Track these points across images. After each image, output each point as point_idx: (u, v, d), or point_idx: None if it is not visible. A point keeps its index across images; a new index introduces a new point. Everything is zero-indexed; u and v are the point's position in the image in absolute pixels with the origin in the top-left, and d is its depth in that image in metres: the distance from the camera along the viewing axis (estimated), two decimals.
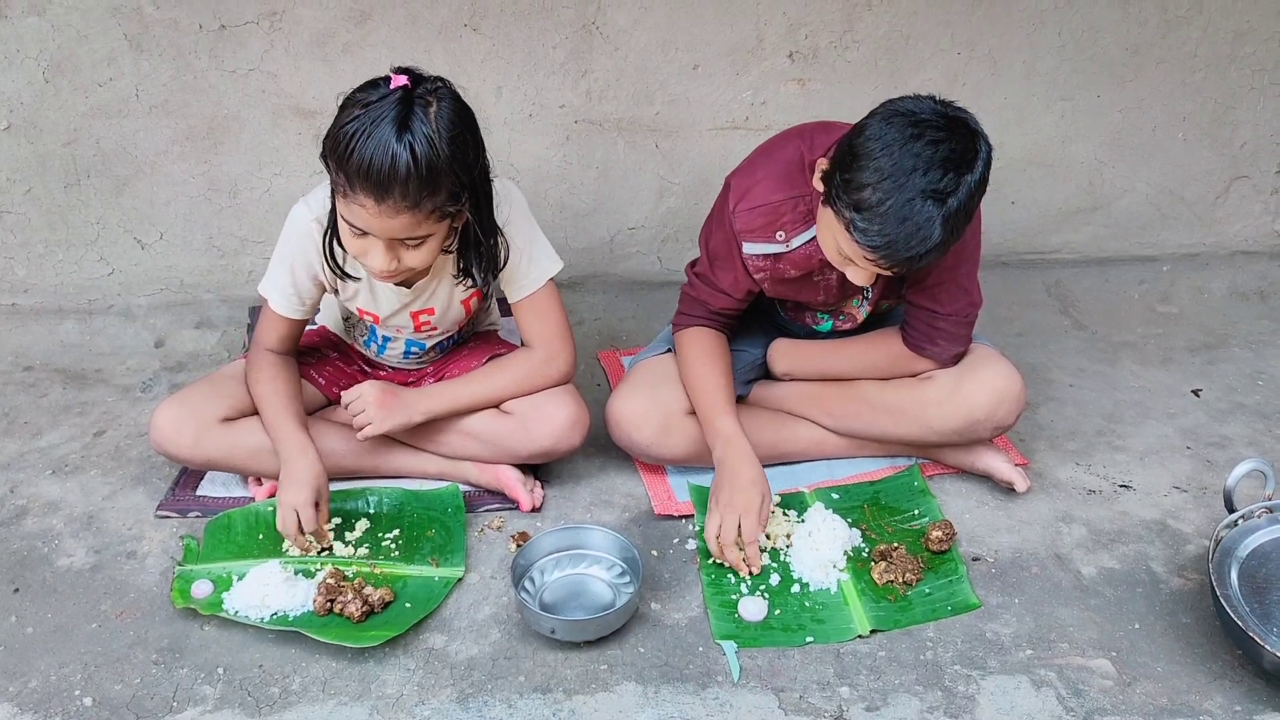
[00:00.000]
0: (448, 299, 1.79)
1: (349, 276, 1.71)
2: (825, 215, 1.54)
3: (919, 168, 1.39)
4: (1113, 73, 2.54)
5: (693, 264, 1.88)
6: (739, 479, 1.67)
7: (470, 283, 1.71)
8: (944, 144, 1.40)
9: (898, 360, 1.84)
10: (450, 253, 1.68)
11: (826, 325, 1.91)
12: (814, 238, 1.66)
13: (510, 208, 1.71)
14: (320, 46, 2.28)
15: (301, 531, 1.65)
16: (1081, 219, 2.73)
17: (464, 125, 1.50)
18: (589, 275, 2.62)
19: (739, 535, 1.63)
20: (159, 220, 2.42)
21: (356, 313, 1.83)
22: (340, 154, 1.45)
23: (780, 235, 1.68)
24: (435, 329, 1.85)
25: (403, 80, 1.46)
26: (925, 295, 1.74)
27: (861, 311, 1.86)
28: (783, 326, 1.99)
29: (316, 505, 1.66)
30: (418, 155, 1.42)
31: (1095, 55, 2.51)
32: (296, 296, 1.74)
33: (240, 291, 2.49)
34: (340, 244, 1.63)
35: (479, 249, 1.66)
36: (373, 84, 1.49)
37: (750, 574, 1.66)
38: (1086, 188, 2.69)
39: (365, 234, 1.51)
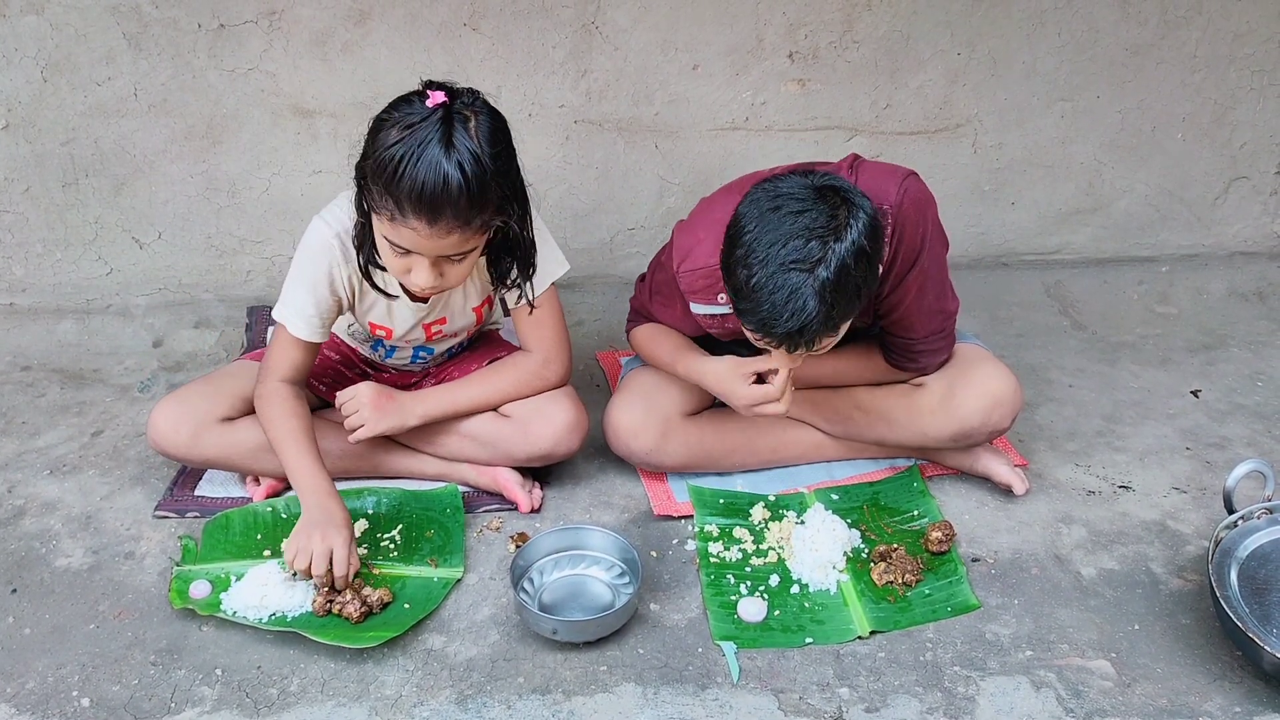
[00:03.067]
0: (461, 307, 1.79)
1: (386, 294, 1.68)
2: None
3: (778, 240, 1.40)
4: (1112, 73, 2.54)
5: (641, 278, 1.89)
6: (723, 377, 1.67)
7: (506, 288, 1.68)
8: (805, 214, 1.40)
9: (888, 367, 1.84)
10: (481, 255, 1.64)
11: None
12: None
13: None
14: (319, 46, 2.28)
15: (328, 589, 1.58)
16: (1081, 219, 2.73)
17: (503, 136, 1.48)
18: (589, 276, 2.62)
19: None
20: (157, 220, 2.42)
21: (368, 327, 1.81)
22: (389, 179, 1.41)
23: (722, 298, 1.64)
24: (446, 336, 1.85)
25: (441, 97, 1.43)
26: (899, 326, 1.73)
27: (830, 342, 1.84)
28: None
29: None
30: (468, 173, 1.40)
31: (1095, 56, 2.51)
32: (318, 317, 1.68)
33: (239, 291, 2.49)
34: (376, 264, 1.60)
35: (515, 253, 1.63)
36: (405, 100, 1.46)
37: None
38: (1086, 188, 2.69)
39: (409, 252, 1.49)
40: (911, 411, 1.81)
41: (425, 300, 1.73)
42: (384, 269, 1.60)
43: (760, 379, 1.65)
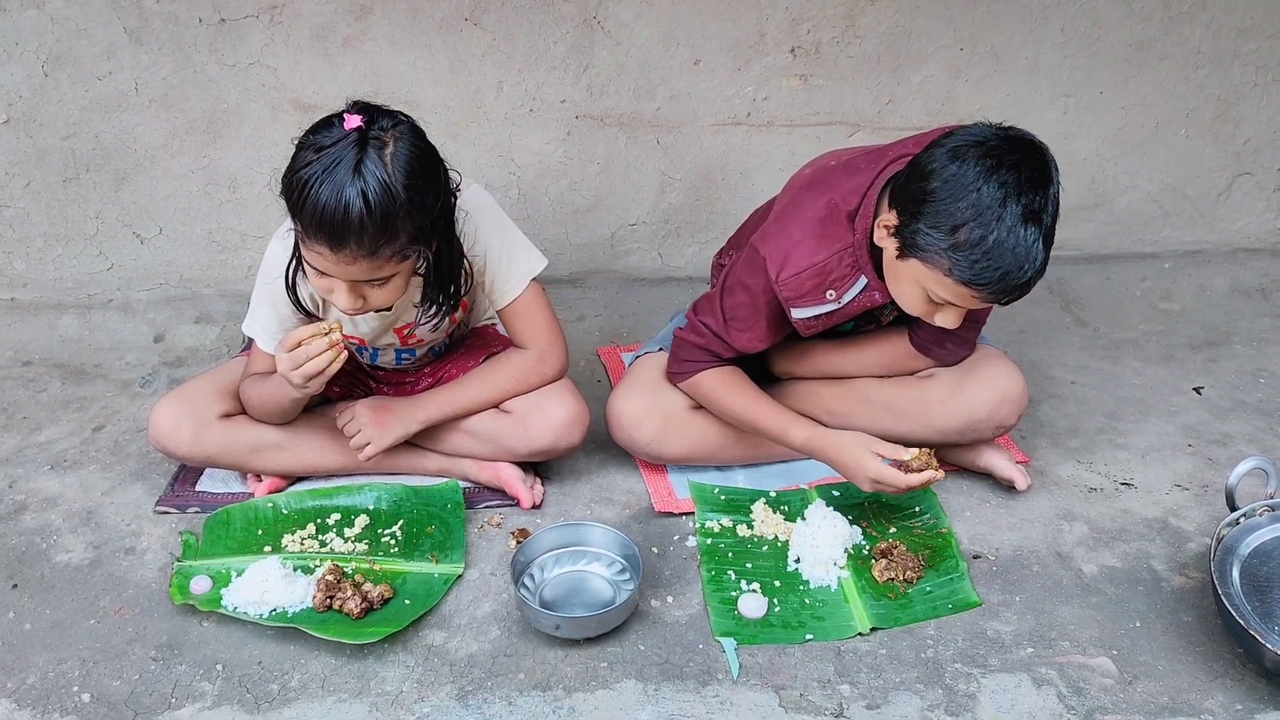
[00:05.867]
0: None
1: (312, 315, 1.69)
2: (907, 268, 1.51)
3: (1010, 195, 1.40)
4: (1115, 69, 2.53)
5: (695, 309, 1.81)
6: (851, 448, 1.65)
7: (432, 310, 1.68)
8: (1022, 166, 1.41)
9: (898, 359, 1.83)
10: (419, 275, 1.63)
11: (848, 326, 1.89)
12: (865, 288, 1.63)
13: (481, 218, 1.67)
14: (320, 40, 2.27)
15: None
16: (1084, 216, 2.72)
17: (422, 166, 1.44)
18: (590, 271, 2.61)
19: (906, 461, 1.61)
20: (158, 214, 2.41)
21: (344, 338, 1.81)
22: (295, 200, 1.42)
23: (831, 294, 1.64)
24: (422, 341, 1.84)
25: (357, 121, 1.41)
26: None
27: (889, 317, 1.84)
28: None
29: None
30: (371, 204, 1.38)
31: (1098, 51, 2.50)
32: (282, 333, 1.69)
33: (240, 286, 2.49)
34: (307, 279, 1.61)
35: (441, 281, 1.63)
36: (327, 123, 1.44)
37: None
38: (1089, 184, 2.68)
39: (327, 274, 1.49)
40: (920, 403, 1.81)
41: (388, 309, 1.71)
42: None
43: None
